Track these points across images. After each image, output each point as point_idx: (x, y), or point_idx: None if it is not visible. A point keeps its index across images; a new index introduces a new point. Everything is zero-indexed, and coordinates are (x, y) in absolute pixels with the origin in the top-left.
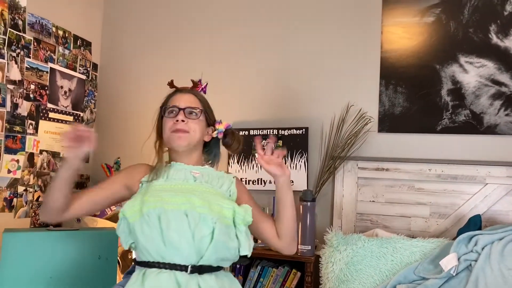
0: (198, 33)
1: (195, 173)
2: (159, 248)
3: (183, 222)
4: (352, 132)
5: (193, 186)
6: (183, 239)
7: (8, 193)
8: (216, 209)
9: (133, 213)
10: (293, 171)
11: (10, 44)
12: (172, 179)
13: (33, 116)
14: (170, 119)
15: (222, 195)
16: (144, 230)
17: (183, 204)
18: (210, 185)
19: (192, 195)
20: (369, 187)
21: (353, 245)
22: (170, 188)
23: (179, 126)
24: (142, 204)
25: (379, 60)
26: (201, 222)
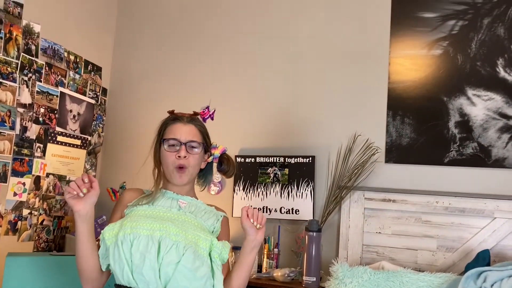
0: (205, 59)
1: (182, 202)
2: (123, 272)
3: (152, 247)
4: (359, 162)
5: (174, 215)
6: (147, 264)
7: (12, 216)
8: (191, 238)
9: (111, 236)
10: (299, 200)
11: (23, 68)
12: (157, 205)
13: (42, 139)
14: (171, 153)
15: (203, 227)
16: (115, 254)
17: (158, 230)
18: (193, 216)
19: (169, 223)
20: (375, 218)
21: (359, 278)
22: (151, 215)
23: (181, 162)
24: (120, 228)
25: (387, 91)
26: (173, 249)
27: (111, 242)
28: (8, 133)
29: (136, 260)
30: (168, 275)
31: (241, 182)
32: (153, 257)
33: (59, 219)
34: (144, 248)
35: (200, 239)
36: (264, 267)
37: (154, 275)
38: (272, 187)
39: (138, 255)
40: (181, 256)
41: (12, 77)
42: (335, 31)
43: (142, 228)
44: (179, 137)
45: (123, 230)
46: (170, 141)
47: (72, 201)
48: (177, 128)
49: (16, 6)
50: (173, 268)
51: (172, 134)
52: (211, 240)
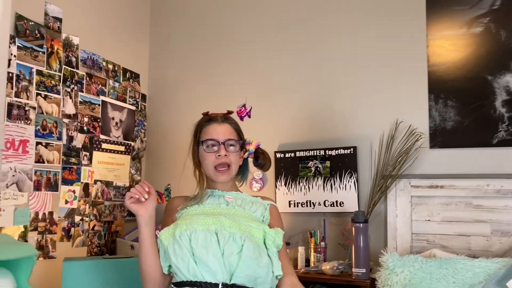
0: (240, 59)
1: (228, 198)
2: (189, 265)
3: (212, 239)
4: (403, 149)
5: (224, 210)
6: (211, 255)
7: (66, 223)
8: (245, 229)
9: (167, 237)
10: (342, 192)
11: (65, 80)
12: (205, 204)
13: (87, 147)
14: (211, 154)
15: (253, 218)
16: (176, 250)
17: (213, 224)
18: (242, 209)
19: (222, 217)
20: (423, 206)
21: (410, 267)
22: (202, 212)
23: (222, 160)
24: (175, 228)
25: (427, 74)
26: (231, 240)
27: (169, 241)
28: (56, 144)
29: (199, 253)
30: (233, 265)
31: (282, 178)
32: (215, 248)
33: (109, 224)
34: (204, 240)
35: (253, 229)
36: (312, 261)
37: (219, 265)
38: (314, 181)
39: (199, 248)
40: (241, 246)
41: (56, 89)
42: (368, 18)
43: (197, 224)
44: (217, 137)
45: (178, 228)
46: (208, 142)
47: (135, 206)
48: (213, 129)
49: (56, 21)
50: (237, 258)
51: (209, 135)
52: (263, 229)
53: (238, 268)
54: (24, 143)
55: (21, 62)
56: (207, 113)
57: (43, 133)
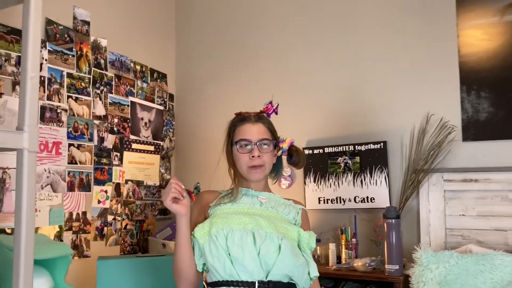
0: (267, 55)
1: (262, 198)
2: (225, 265)
3: (248, 238)
4: (435, 143)
5: (258, 211)
6: (247, 254)
7: (99, 222)
8: (281, 230)
9: (203, 234)
10: (373, 187)
11: (95, 82)
12: (240, 203)
13: (118, 148)
14: (244, 154)
15: (287, 220)
16: (212, 249)
17: (250, 223)
18: (275, 211)
19: (258, 217)
20: (457, 200)
21: (445, 263)
22: (237, 211)
23: (256, 163)
24: (211, 226)
25: (458, 66)
26: (268, 240)
27: (205, 240)
28: (88, 145)
29: (234, 253)
30: (269, 264)
31: (311, 174)
32: (251, 248)
33: (141, 222)
34: (240, 240)
35: (288, 231)
36: (343, 257)
37: (256, 264)
38: (344, 177)
39: (235, 247)
40: (278, 245)
41: (86, 91)
42: (396, 11)
43: (233, 223)
44: (250, 137)
45: (215, 226)
46: (241, 142)
47: (176, 206)
48: (247, 129)
49: (84, 24)
50: (274, 257)
51: (243, 135)
52: (298, 231)
53: (275, 267)
54: (57, 145)
55: (52, 66)
56: (240, 112)
57: (75, 135)
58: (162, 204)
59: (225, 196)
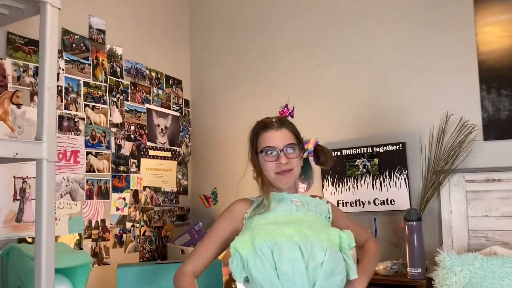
0: (282, 59)
1: (296, 201)
2: (272, 281)
3: (296, 252)
4: (455, 143)
5: (298, 217)
6: (297, 269)
7: (118, 229)
8: (324, 237)
9: (245, 247)
10: (393, 189)
11: (111, 90)
12: (277, 211)
13: (135, 155)
14: (271, 162)
15: (325, 222)
16: (257, 264)
17: (295, 235)
18: (312, 213)
19: (301, 226)
20: (480, 201)
21: (470, 266)
22: (278, 221)
23: (284, 168)
24: (253, 238)
25: (477, 64)
26: (314, 251)
27: (248, 252)
28: (105, 153)
29: (284, 268)
30: (314, 278)
31: (329, 177)
32: (301, 263)
33: (159, 229)
34: (288, 254)
35: (330, 236)
36: None
37: (303, 279)
38: (362, 179)
39: (284, 262)
40: (323, 256)
41: (103, 99)
42: (413, 10)
43: (277, 234)
44: (276, 145)
45: (258, 239)
46: (267, 150)
47: None
48: (271, 136)
49: (100, 33)
50: (318, 269)
51: (267, 143)
52: (338, 234)
53: (319, 279)
54: (75, 154)
55: (69, 75)
56: (262, 120)
57: (92, 143)
58: (180, 210)
59: (260, 206)
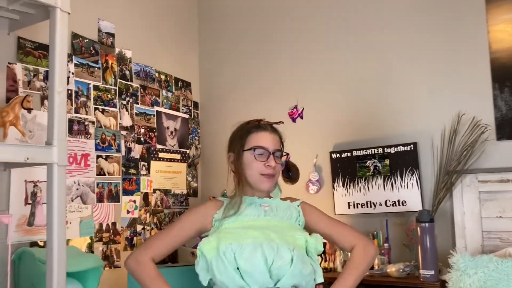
0: (291, 60)
1: (264, 206)
2: (234, 279)
3: (257, 252)
4: (467, 143)
5: (265, 222)
6: (256, 268)
7: (128, 232)
8: (290, 240)
9: (210, 249)
10: (404, 190)
11: (120, 93)
12: (245, 215)
13: (145, 157)
14: (259, 162)
15: (293, 226)
16: (219, 266)
17: (260, 236)
18: (280, 218)
19: (267, 229)
20: (493, 202)
21: (484, 268)
22: (245, 225)
23: (270, 171)
24: (219, 241)
25: (489, 62)
26: (280, 251)
27: (212, 255)
28: (116, 156)
29: (243, 266)
30: (279, 276)
31: (339, 179)
32: (260, 261)
33: None
34: (249, 254)
35: (296, 240)
36: (376, 263)
37: (266, 276)
38: (373, 180)
39: (243, 262)
40: (291, 257)
41: (112, 103)
42: (424, 9)
43: (242, 237)
44: (267, 146)
45: (223, 241)
46: (259, 149)
47: None
48: (264, 137)
49: (109, 37)
50: (287, 269)
51: (260, 142)
52: (305, 237)
53: (285, 277)
54: (86, 157)
55: (79, 79)
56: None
57: (102, 146)
58: None
59: (230, 207)
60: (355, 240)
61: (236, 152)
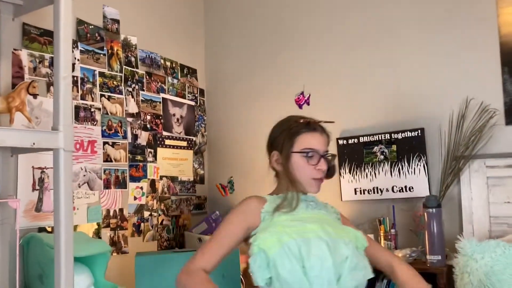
0: (297, 46)
1: (310, 202)
2: (300, 279)
3: (323, 248)
4: (475, 128)
5: (315, 214)
6: (325, 265)
7: (135, 218)
8: (343, 234)
9: (271, 245)
10: (411, 176)
11: (126, 80)
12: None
13: (152, 144)
14: (310, 165)
15: (339, 222)
16: (285, 262)
17: (319, 231)
18: (326, 212)
19: (323, 223)
20: (501, 187)
21: (492, 253)
22: (299, 218)
23: (321, 175)
24: (279, 236)
25: (499, 46)
26: (339, 246)
27: (274, 251)
28: (122, 142)
29: (311, 263)
30: (339, 272)
31: (346, 165)
32: (328, 259)
33: (176, 218)
34: (316, 250)
35: (349, 233)
36: None
37: (329, 275)
38: (380, 166)
39: (312, 258)
40: (347, 251)
41: (118, 89)
42: None
43: (304, 231)
44: (319, 149)
45: (285, 236)
46: (311, 153)
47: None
48: (315, 139)
49: (114, 23)
50: (344, 263)
51: (312, 145)
52: (354, 233)
53: (344, 273)
54: (92, 144)
55: (84, 66)
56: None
57: (109, 133)
58: (197, 199)
59: (287, 203)
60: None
61: (285, 154)
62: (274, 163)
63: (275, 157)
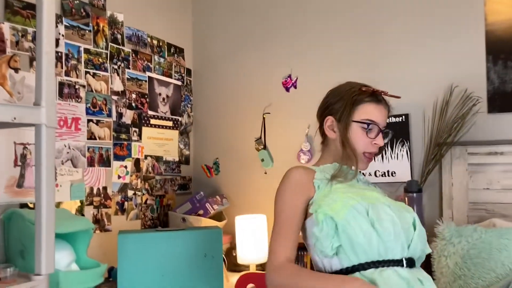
0: (286, 28)
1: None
2: (372, 241)
3: (390, 213)
4: (459, 115)
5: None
6: (397, 228)
7: (119, 197)
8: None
9: (338, 210)
10: (395, 161)
11: (112, 57)
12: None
13: (136, 123)
14: (368, 138)
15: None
16: (356, 225)
17: (381, 198)
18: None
19: (380, 193)
20: (481, 174)
21: (468, 237)
22: (356, 186)
23: (375, 150)
24: (344, 200)
25: (484, 35)
26: (402, 213)
27: (342, 216)
28: (106, 121)
29: (384, 226)
30: (408, 239)
31: None
32: (397, 222)
33: (161, 197)
34: (385, 214)
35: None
36: None
37: (401, 239)
38: None
39: (384, 221)
40: (412, 218)
41: (103, 67)
42: None
43: (367, 197)
44: (380, 122)
45: (350, 200)
46: (370, 125)
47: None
48: (379, 111)
49: None
50: (411, 230)
51: (374, 117)
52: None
53: (413, 242)
54: (76, 121)
55: (69, 41)
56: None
57: (93, 111)
58: (182, 179)
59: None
60: None
61: (344, 121)
62: (327, 128)
63: (328, 123)
